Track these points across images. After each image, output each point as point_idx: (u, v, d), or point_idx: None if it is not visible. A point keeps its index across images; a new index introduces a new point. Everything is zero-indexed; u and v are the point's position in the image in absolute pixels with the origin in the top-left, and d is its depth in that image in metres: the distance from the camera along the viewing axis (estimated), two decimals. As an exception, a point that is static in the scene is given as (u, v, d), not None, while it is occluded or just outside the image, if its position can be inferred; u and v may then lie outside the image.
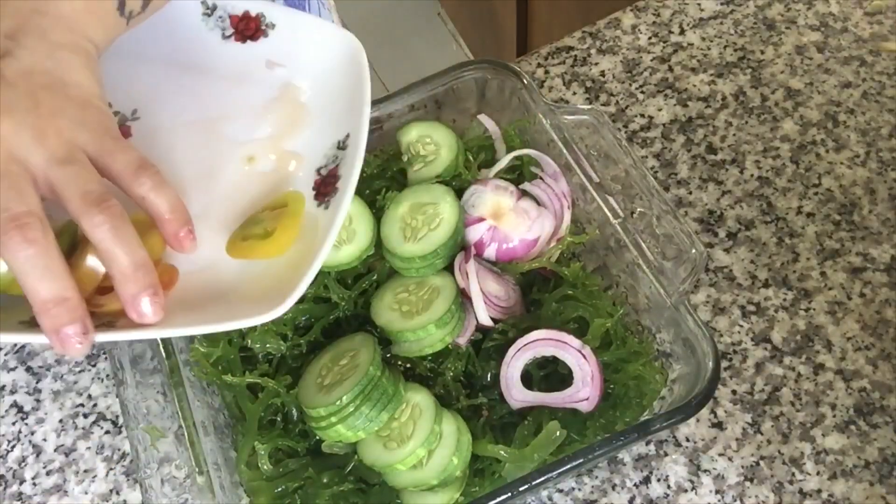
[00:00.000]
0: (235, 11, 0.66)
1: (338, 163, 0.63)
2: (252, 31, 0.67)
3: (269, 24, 0.67)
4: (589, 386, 0.64)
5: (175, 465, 0.67)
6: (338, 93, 0.65)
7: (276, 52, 0.67)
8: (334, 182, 0.62)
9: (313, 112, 0.67)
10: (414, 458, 0.61)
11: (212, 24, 0.67)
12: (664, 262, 0.67)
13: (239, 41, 0.67)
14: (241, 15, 0.66)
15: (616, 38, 0.94)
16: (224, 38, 0.67)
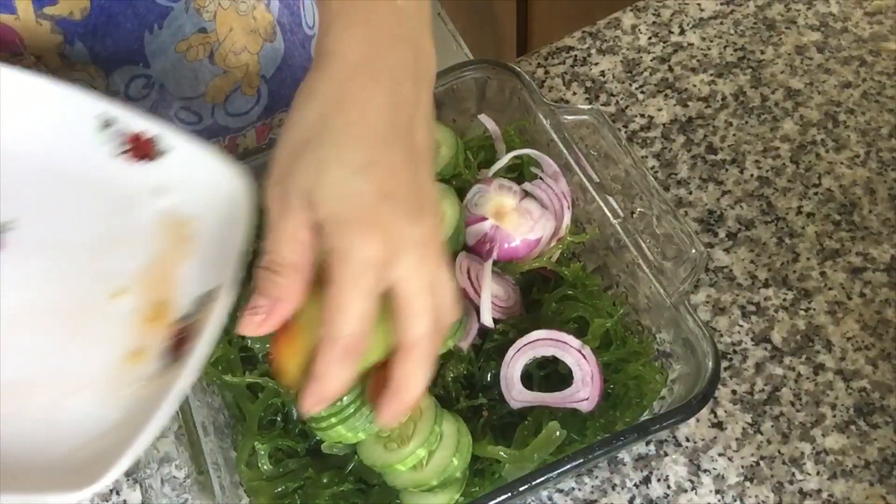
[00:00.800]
0: (132, 129, 0.62)
1: (196, 318, 0.58)
2: (145, 152, 0.63)
3: (163, 148, 0.63)
4: (589, 386, 0.64)
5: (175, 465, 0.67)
6: (219, 236, 0.61)
7: (166, 180, 0.63)
8: (189, 340, 0.57)
9: (191, 252, 0.63)
10: (414, 459, 0.61)
11: (106, 137, 0.63)
12: (664, 262, 0.67)
13: (131, 161, 0.63)
14: (137, 134, 0.63)
15: (616, 38, 0.94)
16: (116, 154, 0.63)
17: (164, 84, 0.79)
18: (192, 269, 0.61)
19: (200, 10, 0.77)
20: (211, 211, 0.62)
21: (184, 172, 0.63)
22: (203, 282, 0.60)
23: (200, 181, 0.63)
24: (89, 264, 0.61)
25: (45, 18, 0.69)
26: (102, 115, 0.62)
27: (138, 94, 0.78)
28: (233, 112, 0.85)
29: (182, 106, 0.82)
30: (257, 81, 0.85)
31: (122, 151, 0.63)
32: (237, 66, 0.82)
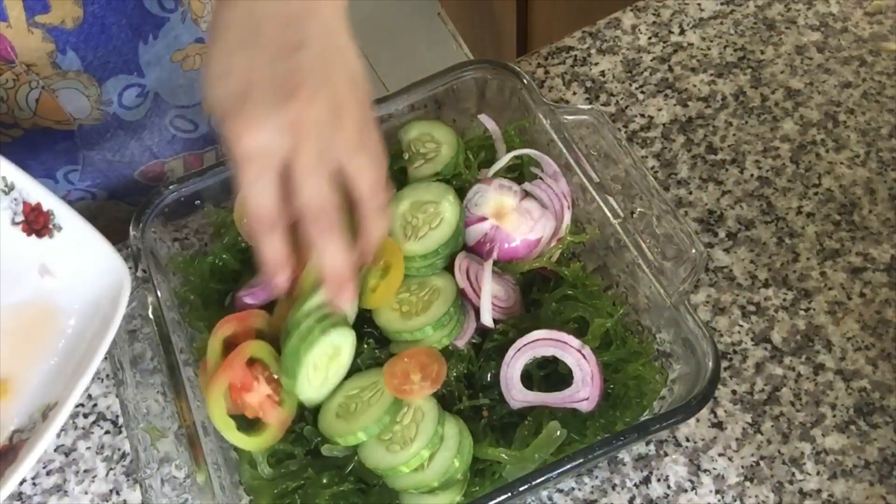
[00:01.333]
0: (30, 199, 0.61)
1: (29, 436, 0.57)
2: (39, 226, 0.62)
3: (56, 224, 0.62)
4: (589, 386, 0.64)
5: (175, 465, 0.67)
6: (83, 341, 0.60)
7: (53, 259, 0.62)
8: (11, 462, 0.55)
9: (50, 354, 0.61)
10: (418, 460, 0.61)
11: (5, 203, 0.61)
12: (664, 262, 0.67)
13: (24, 232, 0.62)
14: (34, 205, 0.61)
15: (616, 38, 0.94)
16: (13, 223, 0.62)
17: (159, 93, 0.79)
18: (43, 374, 0.59)
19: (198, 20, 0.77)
20: (84, 309, 0.61)
21: (71, 254, 0.62)
22: (46, 392, 0.58)
23: (85, 267, 0.62)
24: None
25: (37, 27, 0.68)
26: (5, 178, 0.61)
27: (132, 103, 0.78)
28: None
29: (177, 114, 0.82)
30: None
31: (19, 222, 0.62)
32: None
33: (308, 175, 0.52)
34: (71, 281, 0.62)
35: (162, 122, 0.81)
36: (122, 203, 0.85)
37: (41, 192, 0.61)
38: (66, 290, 0.62)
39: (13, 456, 0.55)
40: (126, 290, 0.60)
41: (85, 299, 0.61)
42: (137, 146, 0.82)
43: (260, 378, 0.63)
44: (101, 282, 0.61)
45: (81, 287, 0.62)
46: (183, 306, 0.71)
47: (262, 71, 0.51)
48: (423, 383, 0.62)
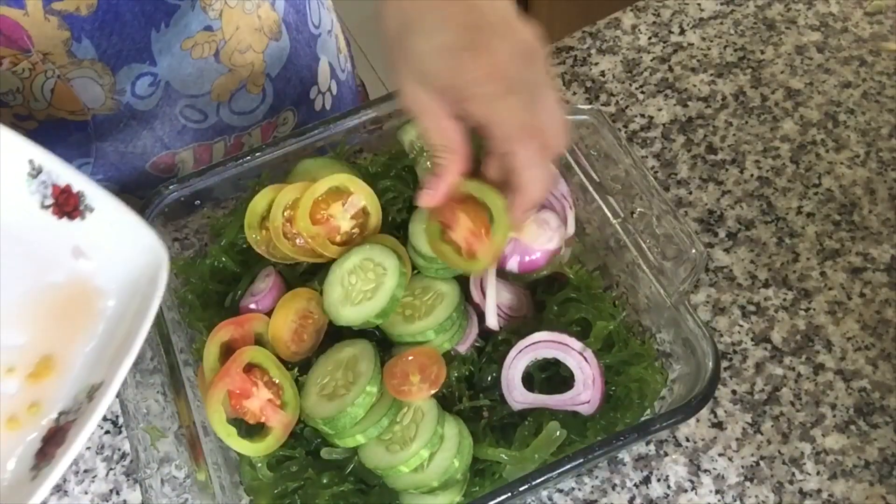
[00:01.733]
0: (59, 181, 0.60)
1: (76, 417, 0.55)
2: (70, 208, 0.61)
3: (87, 206, 0.60)
4: (590, 389, 0.64)
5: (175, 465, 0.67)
6: (123, 321, 0.59)
7: (86, 241, 0.61)
8: (60, 443, 0.55)
9: (91, 335, 0.60)
10: (418, 460, 0.61)
11: (34, 187, 0.60)
12: (664, 262, 0.67)
13: (55, 215, 0.61)
14: (64, 187, 0.60)
15: (616, 38, 0.94)
16: (42, 206, 0.60)
17: (170, 82, 0.79)
18: (85, 356, 0.59)
19: (207, 8, 0.77)
20: (123, 289, 0.60)
21: (104, 235, 0.61)
22: (90, 373, 0.57)
23: (119, 247, 0.60)
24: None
25: (53, 14, 0.69)
26: (32, 161, 0.60)
27: (144, 92, 0.79)
28: (238, 110, 0.85)
29: (187, 104, 0.82)
30: (262, 80, 0.85)
31: (49, 205, 0.61)
32: (243, 64, 0.82)
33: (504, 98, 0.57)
34: (106, 262, 0.61)
35: (173, 111, 0.82)
36: (133, 197, 0.85)
37: (70, 174, 0.60)
38: (102, 271, 0.61)
39: (62, 437, 0.55)
40: (164, 267, 0.59)
41: (122, 279, 0.60)
42: (149, 136, 0.82)
43: (259, 383, 0.63)
44: (138, 261, 0.60)
45: (118, 267, 0.61)
46: (183, 306, 0.71)
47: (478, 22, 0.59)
48: (422, 385, 0.62)
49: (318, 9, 0.91)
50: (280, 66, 0.85)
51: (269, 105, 0.87)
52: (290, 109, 0.89)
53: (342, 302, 0.66)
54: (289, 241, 0.69)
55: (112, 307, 0.60)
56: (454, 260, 0.65)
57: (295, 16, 0.86)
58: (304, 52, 0.88)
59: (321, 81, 0.92)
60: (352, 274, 0.67)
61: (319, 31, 0.90)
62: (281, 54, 0.85)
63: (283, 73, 0.86)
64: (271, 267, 0.71)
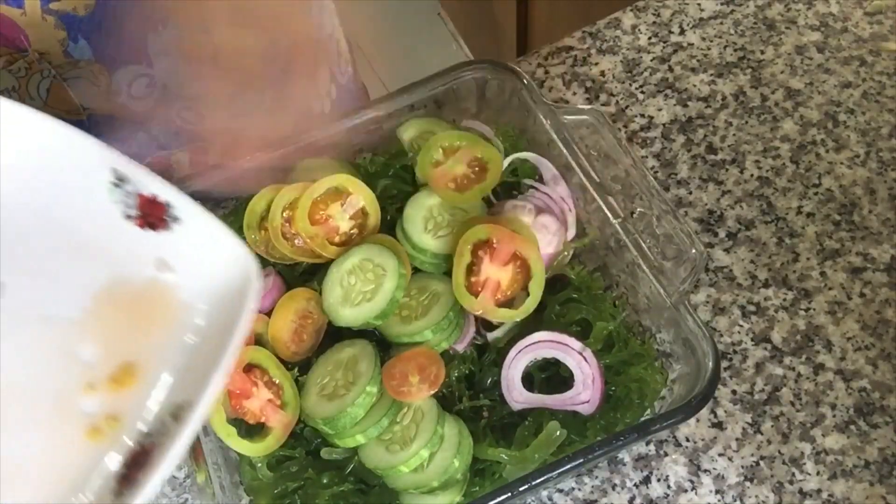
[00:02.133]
0: (144, 191, 0.57)
1: (160, 439, 0.52)
2: (156, 219, 0.57)
3: (174, 217, 0.57)
4: (590, 389, 0.64)
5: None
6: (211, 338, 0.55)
7: (172, 253, 0.58)
8: (144, 463, 0.52)
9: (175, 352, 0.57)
10: (418, 460, 0.61)
11: (117, 196, 0.57)
12: (664, 262, 0.67)
13: (139, 226, 0.57)
14: (149, 197, 0.57)
15: (616, 38, 0.94)
16: (125, 217, 0.57)
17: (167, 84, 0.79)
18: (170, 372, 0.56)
19: None
20: (210, 303, 0.57)
21: (193, 247, 0.57)
22: (175, 392, 0.55)
23: (208, 260, 0.57)
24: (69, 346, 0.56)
25: (51, 13, 0.69)
26: (116, 170, 0.57)
27: (141, 94, 0.78)
28: None
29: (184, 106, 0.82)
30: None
31: (133, 216, 0.57)
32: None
33: None
34: (193, 274, 0.57)
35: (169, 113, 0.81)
36: None
37: (157, 183, 0.57)
38: (188, 284, 0.58)
39: (145, 460, 0.52)
40: (254, 281, 0.55)
41: (210, 293, 0.57)
42: (145, 137, 0.82)
43: (259, 383, 0.63)
44: (227, 274, 0.56)
45: (205, 280, 0.57)
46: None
47: None
48: (422, 385, 0.62)
49: (318, 13, 0.90)
50: None
51: None
52: None
53: (341, 303, 0.66)
54: (288, 242, 0.69)
55: (199, 321, 0.57)
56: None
57: None
58: None
59: (320, 85, 0.92)
60: (351, 274, 0.67)
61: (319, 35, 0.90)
62: None
63: None
64: (271, 267, 0.71)
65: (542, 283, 0.66)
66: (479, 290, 0.66)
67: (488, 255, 0.66)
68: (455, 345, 0.67)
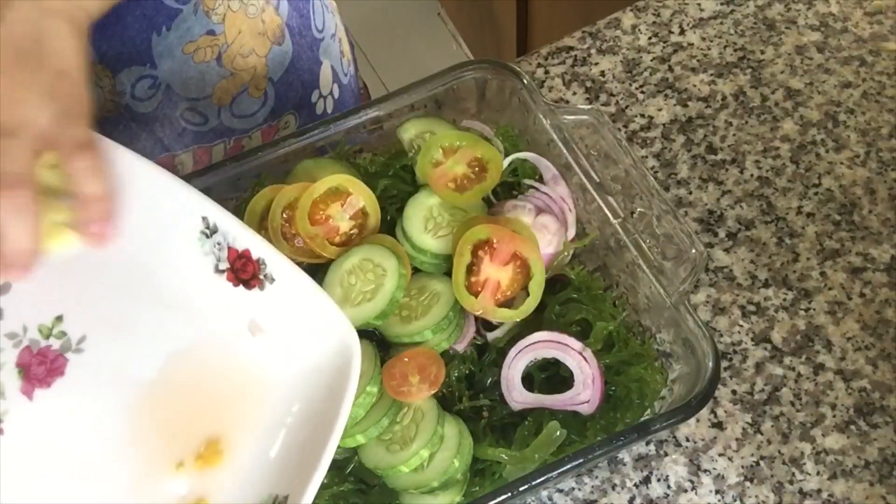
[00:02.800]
0: (236, 245, 0.53)
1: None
2: (248, 275, 0.53)
3: (268, 275, 0.53)
4: (590, 388, 0.64)
5: (175, 465, 0.67)
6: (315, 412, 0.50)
7: (265, 316, 0.53)
8: None
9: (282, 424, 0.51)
10: (418, 460, 0.61)
11: (207, 248, 0.53)
12: (664, 262, 0.67)
13: (231, 282, 0.53)
14: (241, 252, 0.53)
15: (616, 38, 0.94)
16: (216, 271, 0.53)
17: (171, 85, 0.79)
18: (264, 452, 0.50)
19: (209, 12, 0.77)
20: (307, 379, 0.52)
21: (287, 308, 0.52)
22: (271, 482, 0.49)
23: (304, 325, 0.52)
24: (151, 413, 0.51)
25: None
26: (207, 218, 0.53)
27: (144, 95, 0.78)
28: (239, 114, 0.85)
29: (188, 107, 0.82)
30: (264, 84, 0.84)
31: (223, 269, 0.53)
32: (245, 68, 0.82)
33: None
34: (287, 344, 0.53)
35: (173, 114, 0.81)
36: None
37: (249, 237, 0.52)
38: (282, 356, 0.53)
39: None
40: (356, 358, 0.50)
41: (306, 366, 0.52)
42: (149, 139, 0.82)
43: None
44: (324, 346, 0.52)
45: (300, 351, 0.52)
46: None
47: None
48: (421, 385, 0.62)
49: (321, 12, 0.90)
50: (282, 70, 0.85)
51: (270, 108, 0.87)
52: (292, 113, 0.89)
53: (341, 303, 0.66)
54: (287, 242, 0.69)
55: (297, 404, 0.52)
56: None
57: (298, 20, 0.86)
58: (306, 56, 0.88)
59: (323, 85, 0.92)
60: (351, 274, 0.67)
61: (323, 34, 0.90)
62: (283, 58, 0.85)
63: (285, 77, 0.86)
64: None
65: (543, 283, 0.66)
66: (480, 290, 0.66)
67: (488, 255, 0.66)
68: (455, 345, 0.67)
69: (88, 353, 0.52)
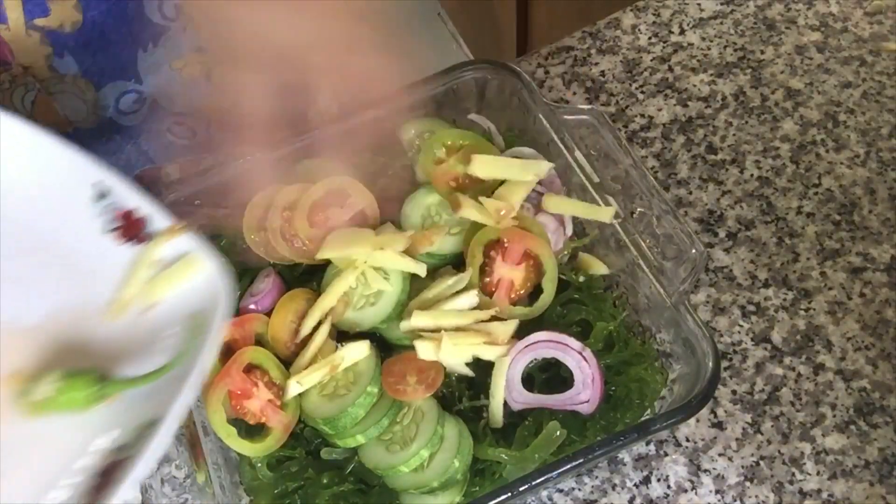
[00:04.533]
0: (125, 205, 0.58)
1: (130, 453, 0.51)
2: (134, 232, 0.58)
3: (151, 231, 0.58)
4: (589, 388, 0.64)
5: (175, 465, 0.67)
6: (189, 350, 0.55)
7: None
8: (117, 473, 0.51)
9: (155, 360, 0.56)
10: (418, 460, 0.61)
11: (98, 210, 0.58)
12: (664, 262, 0.67)
13: (119, 240, 0.58)
14: (128, 211, 0.58)
15: (616, 38, 0.94)
16: (105, 231, 0.58)
17: (157, 100, 0.78)
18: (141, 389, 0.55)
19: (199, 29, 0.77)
20: (183, 317, 0.57)
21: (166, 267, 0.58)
22: (142, 408, 0.54)
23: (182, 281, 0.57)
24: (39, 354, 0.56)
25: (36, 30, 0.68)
26: (99, 183, 0.58)
27: (129, 108, 0.78)
28: None
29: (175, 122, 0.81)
30: None
31: (111, 229, 0.58)
32: None
33: None
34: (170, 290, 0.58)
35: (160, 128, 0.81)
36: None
37: (137, 197, 0.57)
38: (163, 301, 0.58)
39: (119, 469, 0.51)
40: (222, 302, 0.55)
41: (181, 310, 0.57)
42: (134, 151, 0.82)
43: (259, 384, 0.63)
44: (199, 291, 0.57)
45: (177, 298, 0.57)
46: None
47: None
48: (418, 386, 0.62)
49: None
50: None
51: None
52: None
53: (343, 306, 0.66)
54: (287, 243, 0.69)
55: (169, 340, 0.57)
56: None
57: None
58: None
59: None
60: None
61: None
62: None
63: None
64: (271, 268, 0.71)
65: (556, 279, 0.66)
66: (494, 290, 0.66)
67: (500, 255, 0.66)
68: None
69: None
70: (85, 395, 0.54)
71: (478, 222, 0.68)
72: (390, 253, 0.65)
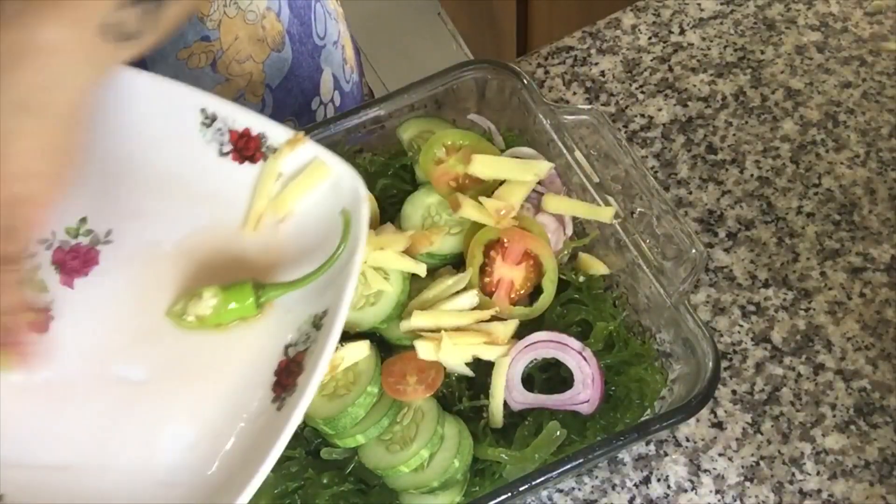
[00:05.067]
0: (236, 126, 0.59)
1: (308, 346, 0.56)
2: (251, 151, 0.59)
3: (269, 147, 0.59)
4: (589, 388, 0.64)
5: (175, 465, 0.67)
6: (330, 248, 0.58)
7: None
8: (297, 373, 0.55)
9: (299, 265, 0.59)
10: (418, 460, 0.61)
11: (209, 135, 0.60)
12: (664, 262, 0.67)
13: (236, 161, 0.60)
14: (242, 132, 0.59)
15: (616, 38, 0.94)
16: (221, 154, 0.60)
17: None
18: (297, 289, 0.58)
19: (204, 18, 0.77)
20: (320, 219, 0.59)
21: (292, 177, 0.59)
22: (310, 303, 0.57)
23: (311, 189, 0.59)
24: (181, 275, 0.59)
25: None
26: (204, 109, 0.59)
27: None
28: None
29: None
30: (261, 90, 0.84)
31: (227, 152, 0.60)
32: (241, 74, 0.82)
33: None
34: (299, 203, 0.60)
35: None
36: None
37: (248, 116, 0.59)
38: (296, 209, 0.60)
39: (297, 367, 0.56)
40: (362, 193, 0.58)
41: (320, 213, 0.59)
42: None
43: None
44: (334, 190, 0.59)
45: (313, 203, 0.60)
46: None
47: None
48: (418, 386, 0.62)
49: (324, 19, 0.90)
50: (281, 76, 0.85)
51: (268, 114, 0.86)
52: (291, 119, 0.89)
53: None
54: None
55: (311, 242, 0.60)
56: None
57: (299, 27, 0.86)
58: (306, 63, 0.87)
59: (323, 92, 0.91)
60: None
61: (324, 42, 0.90)
62: (282, 65, 0.84)
63: (284, 84, 0.86)
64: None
65: (556, 279, 0.66)
66: (494, 290, 0.66)
67: (500, 255, 0.66)
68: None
69: (117, 243, 0.60)
70: (246, 304, 0.57)
71: (478, 222, 0.68)
72: (390, 253, 0.65)
